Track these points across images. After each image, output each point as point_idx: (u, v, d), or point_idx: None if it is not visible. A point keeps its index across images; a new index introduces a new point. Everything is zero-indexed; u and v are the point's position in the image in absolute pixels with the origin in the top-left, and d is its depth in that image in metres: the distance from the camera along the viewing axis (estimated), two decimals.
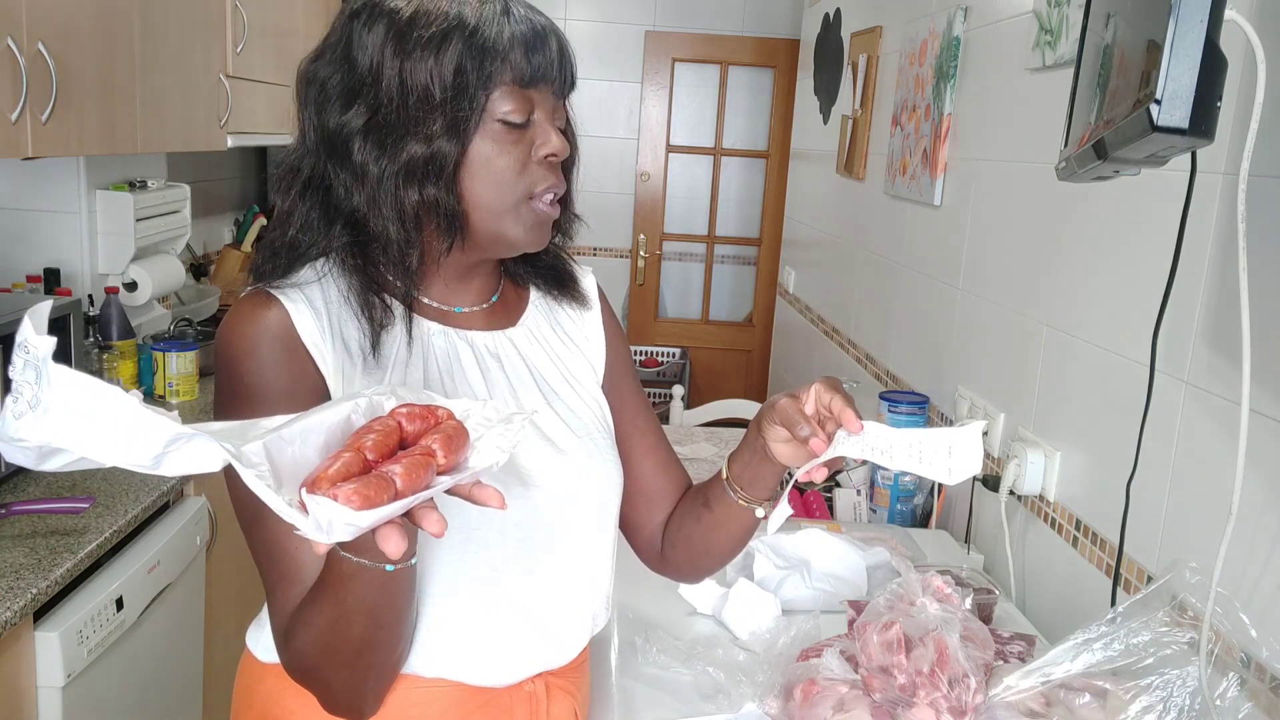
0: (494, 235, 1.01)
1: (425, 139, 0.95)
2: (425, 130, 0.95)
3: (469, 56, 0.95)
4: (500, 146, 0.98)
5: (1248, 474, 1.20)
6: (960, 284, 2.24)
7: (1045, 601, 1.76)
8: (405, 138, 0.95)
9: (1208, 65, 0.96)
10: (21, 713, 1.58)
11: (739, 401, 3.35)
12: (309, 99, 1.00)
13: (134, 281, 2.70)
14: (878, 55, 3.03)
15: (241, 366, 0.97)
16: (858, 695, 1.24)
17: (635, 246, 4.97)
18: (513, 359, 1.09)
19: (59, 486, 1.96)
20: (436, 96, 0.95)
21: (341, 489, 0.67)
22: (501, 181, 0.98)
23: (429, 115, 0.95)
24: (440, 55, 0.95)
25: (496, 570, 1.03)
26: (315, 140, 1.00)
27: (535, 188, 1.00)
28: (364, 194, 0.97)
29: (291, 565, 0.92)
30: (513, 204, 1.00)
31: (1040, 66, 1.87)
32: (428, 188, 0.96)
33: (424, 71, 0.95)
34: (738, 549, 1.16)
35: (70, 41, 2.00)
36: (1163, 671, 1.18)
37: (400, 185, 0.96)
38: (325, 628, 0.88)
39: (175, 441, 0.67)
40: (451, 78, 0.95)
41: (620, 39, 4.79)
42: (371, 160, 0.96)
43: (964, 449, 0.92)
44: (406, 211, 0.97)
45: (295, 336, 0.97)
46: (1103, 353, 1.62)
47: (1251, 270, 1.16)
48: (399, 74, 0.95)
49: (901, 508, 2.19)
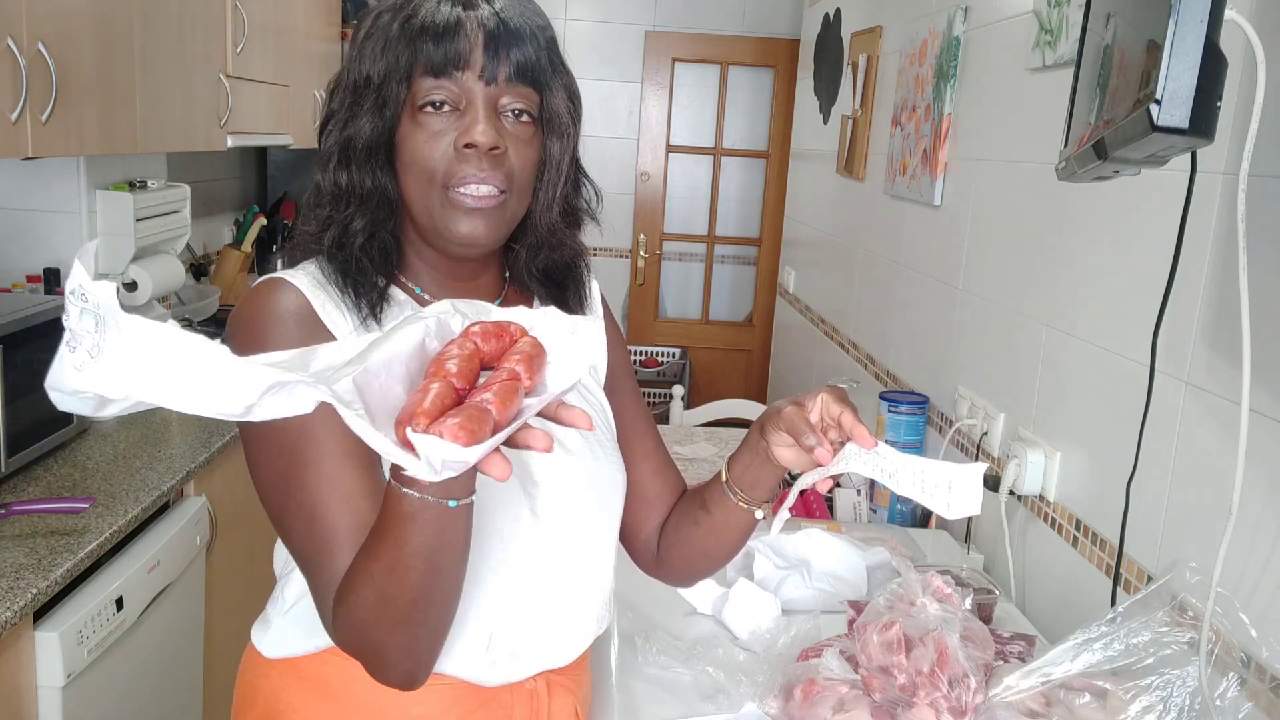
0: (430, 228, 1.02)
1: (354, 124, 1.00)
2: (357, 116, 1.00)
3: (402, 39, 0.98)
4: (424, 134, 0.99)
5: (1247, 474, 1.20)
6: (960, 284, 2.24)
7: (1045, 601, 1.76)
8: (345, 124, 1.01)
9: (1208, 65, 0.96)
10: (21, 713, 1.58)
11: (739, 401, 3.35)
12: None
13: (134, 281, 2.70)
14: (878, 55, 3.03)
15: (265, 345, 0.93)
16: (858, 695, 1.24)
17: (635, 246, 4.97)
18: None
19: (59, 486, 1.96)
20: (374, 79, 0.99)
21: (446, 425, 0.65)
22: (422, 168, 0.99)
23: (364, 100, 1.00)
24: (378, 39, 0.99)
25: (503, 569, 1.03)
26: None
27: (451, 177, 0.99)
28: (322, 182, 1.03)
29: (332, 535, 0.91)
30: (437, 193, 1.00)
31: (1040, 66, 1.87)
32: (354, 169, 1.00)
33: (369, 56, 1.00)
34: (735, 551, 1.16)
35: (70, 41, 2.00)
36: (1163, 671, 1.18)
37: (335, 166, 1.01)
38: (382, 576, 0.85)
39: (271, 389, 0.64)
40: (382, 59, 0.99)
41: (620, 39, 4.79)
42: (325, 143, 1.02)
43: (964, 488, 0.93)
44: (336, 190, 1.01)
45: (315, 318, 0.99)
46: (1103, 353, 1.62)
47: (1251, 270, 1.16)
48: (352, 65, 1.01)
49: (901, 508, 2.19)
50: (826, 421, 0.99)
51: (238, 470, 2.37)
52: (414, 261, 1.08)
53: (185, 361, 0.64)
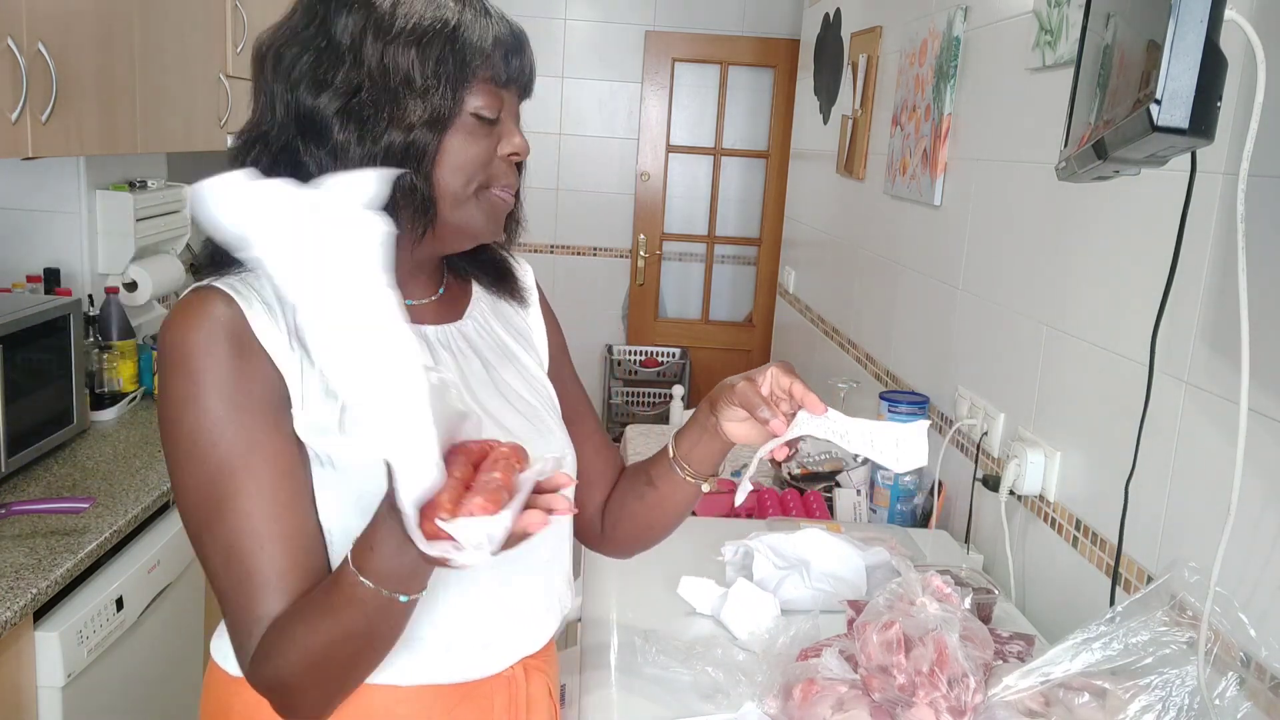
0: (456, 225, 1.03)
1: (405, 128, 0.97)
2: (406, 119, 0.97)
3: (451, 51, 0.98)
4: (471, 139, 1.01)
5: (1247, 474, 1.20)
6: (960, 284, 2.24)
7: (1045, 601, 1.76)
8: (385, 124, 0.97)
9: (1208, 65, 0.96)
10: (21, 713, 1.58)
11: None
12: (278, 73, 0.99)
13: (134, 281, 2.70)
14: (878, 55, 3.03)
15: (194, 371, 0.93)
16: (857, 695, 1.24)
17: (635, 246, 4.97)
18: (464, 351, 1.11)
19: (59, 486, 1.96)
20: (417, 85, 0.97)
21: (473, 503, 0.71)
22: (467, 172, 1.01)
23: (409, 104, 0.97)
24: (423, 46, 0.97)
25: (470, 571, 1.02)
26: (285, 115, 0.99)
27: (495, 181, 1.03)
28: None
29: (250, 577, 0.92)
30: (474, 192, 1.02)
31: (1040, 66, 1.87)
32: (405, 175, 0.98)
33: (406, 60, 0.97)
34: (679, 522, 1.22)
35: (70, 41, 2.00)
36: (1162, 671, 1.18)
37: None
38: (318, 648, 0.89)
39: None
40: (433, 68, 0.97)
41: (620, 39, 4.79)
42: (354, 142, 0.97)
43: (910, 443, 1.03)
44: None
45: (250, 334, 0.95)
46: (1102, 353, 1.62)
47: (1251, 270, 1.16)
48: (381, 59, 0.97)
49: (901, 508, 2.19)
50: (777, 394, 1.05)
51: None
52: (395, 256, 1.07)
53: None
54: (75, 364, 2.14)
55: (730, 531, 1.80)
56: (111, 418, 2.39)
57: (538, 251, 4.91)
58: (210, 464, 0.93)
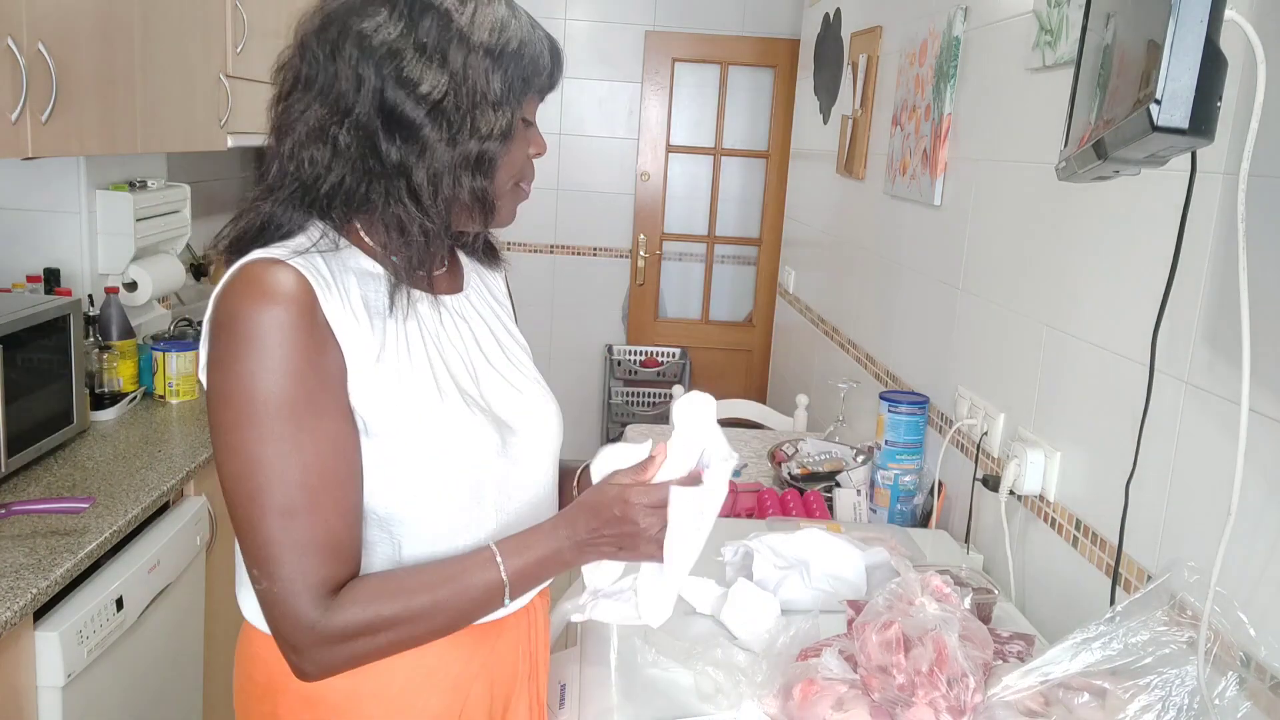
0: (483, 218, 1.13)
1: (481, 137, 1.05)
2: (480, 129, 1.05)
3: (519, 68, 1.07)
4: (517, 145, 1.11)
5: (1247, 474, 1.20)
6: (960, 284, 2.24)
7: (1045, 601, 1.76)
8: (468, 132, 1.05)
9: (1208, 65, 0.96)
10: (21, 713, 1.58)
11: (739, 401, 3.35)
12: (365, 57, 1.02)
13: (134, 281, 2.70)
14: (878, 55, 3.03)
15: (267, 346, 0.98)
16: (857, 695, 1.24)
17: (635, 246, 4.97)
18: (473, 319, 1.20)
19: (59, 486, 1.96)
20: (492, 98, 1.05)
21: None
22: (509, 171, 1.11)
23: (486, 115, 1.05)
24: (498, 60, 1.05)
25: (498, 515, 1.15)
26: (370, 99, 1.02)
27: (524, 177, 1.15)
28: (425, 172, 1.04)
29: (313, 536, 1.00)
30: (509, 189, 1.13)
31: (1040, 66, 1.87)
32: (479, 180, 1.07)
33: (485, 72, 1.04)
34: None
35: (70, 41, 2.00)
36: (1161, 671, 1.18)
37: (459, 175, 1.06)
38: (424, 606, 1.05)
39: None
40: (506, 85, 1.06)
41: (620, 39, 4.79)
42: (443, 142, 1.04)
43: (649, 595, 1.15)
44: (456, 199, 1.07)
45: (318, 308, 1.01)
46: (1102, 353, 1.62)
47: (1251, 270, 1.16)
48: (464, 68, 1.03)
49: (901, 508, 2.19)
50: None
51: None
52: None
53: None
54: (75, 364, 2.14)
55: (730, 532, 1.79)
56: (111, 418, 2.39)
57: (538, 251, 4.91)
58: (276, 434, 0.98)
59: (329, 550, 1.01)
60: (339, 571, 1.02)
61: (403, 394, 1.06)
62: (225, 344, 1.00)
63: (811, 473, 2.38)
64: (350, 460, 1.04)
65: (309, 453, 0.99)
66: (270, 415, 0.98)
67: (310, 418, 0.99)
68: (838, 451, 2.46)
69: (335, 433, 1.02)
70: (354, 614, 1.01)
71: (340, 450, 1.02)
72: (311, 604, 1.00)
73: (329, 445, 1.01)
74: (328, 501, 1.01)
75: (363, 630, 1.02)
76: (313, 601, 1.00)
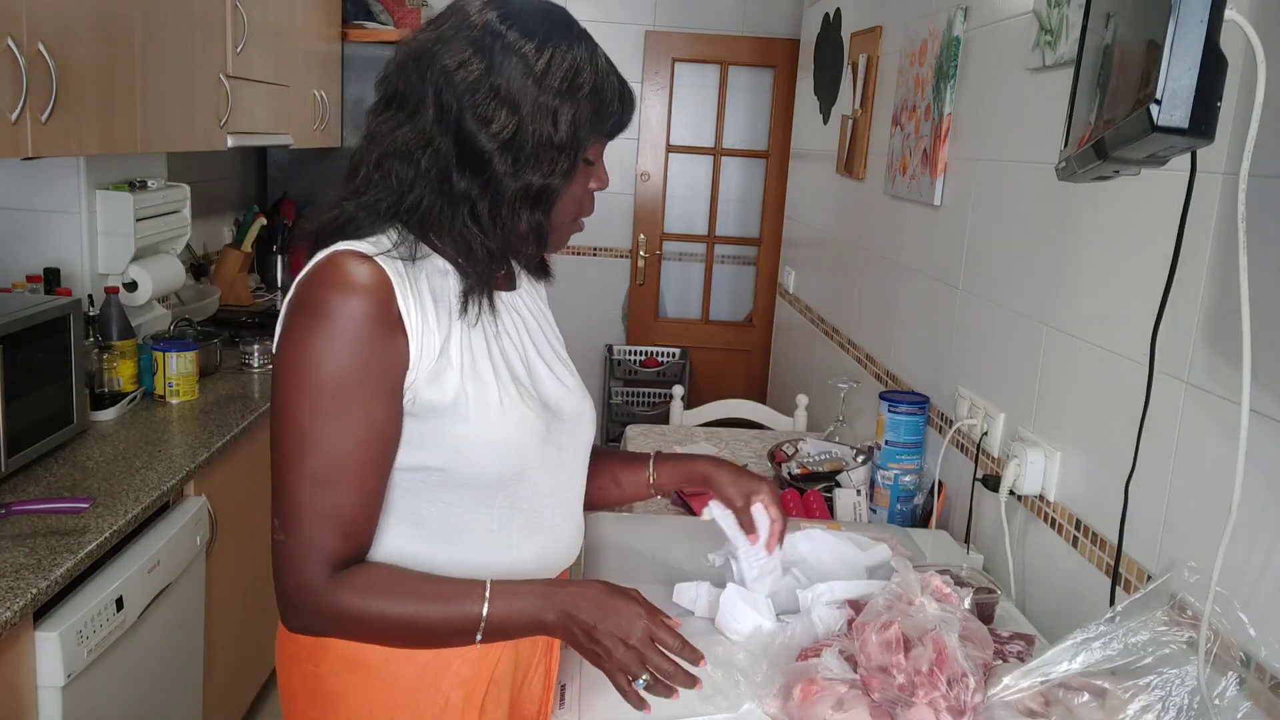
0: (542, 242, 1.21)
1: (543, 174, 1.12)
2: (545, 167, 1.12)
3: (590, 112, 1.13)
4: (580, 180, 1.18)
5: (1247, 474, 1.20)
6: (960, 284, 2.24)
7: (1045, 601, 1.76)
8: (530, 166, 1.12)
9: (1208, 65, 0.96)
10: (21, 713, 1.58)
11: (739, 401, 3.35)
12: (450, 90, 1.11)
13: (134, 281, 2.70)
14: (878, 55, 3.03)
15: (341, 331, 1.08)
16: (857, 695, 1.24)
17: (635, 246, 4.97)
18: (525, 314, 1.29)
19: (59, 486, 1.96)
20: (558, 139, 1.11)
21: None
22: (568, 206, 1.19)
23: (550, 152, 1.12)
24: (568, 102, 1.11)
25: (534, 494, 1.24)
26: (450, 132, 1.11)
27: (583, 212, 1.22)
28: (489, 201, 1.13)
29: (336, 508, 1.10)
30: (568, 222, 1.21)
31: (1040, 66, 1.87)
32: (537, 213, 1.15)
33: (554, 113, 1.11)
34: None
35: (70, 41, 2.00)
36: (1161, 671, 1.18)
37: (517, 207, 1.14)
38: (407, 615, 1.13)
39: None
40: (573, 127, 1.12)
41: (620, 39, 4.79)
42: (508, 176, 1.12)
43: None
44: (514, 228, 1.15)
45: (394, 305, 1.10)
46: (1103, 353, 1.62)
47: (1251, 270, 1.16)
48: (534, 108, 1.10)
49: (901, 508, 2.19)
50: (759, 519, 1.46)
51: (238, 470, 2.37)
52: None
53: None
54: (75, 364, 2.14)
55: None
56: (111, 418, 2.39)
57: None
58: (326, 411, 1.08)
59: (345, 526, 1.11)
60: (348, 548, 1.12)
61: (464, 380, 1.15)
62: (302, 322, 1.10)
63: (811, 473, 2.38)
64: (384, 450, 1.13)
65: (349, 434, 1.09)
66: (325, 393, 1.08)
67: (360, 403, 1.09)
68: (838, 451, 2.46)
69: (379, 421, 1.11)
70: (351, 598, 1.11)
71: (378, 439, 1.11)
72: (318, 568, 1.10)
73: (368, 432, 1.10)
74: (355, 482, 1.10)
75: (353, 615, 1.12)
76: (319, 566, 1.10)
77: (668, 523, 2.12)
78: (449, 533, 1.20)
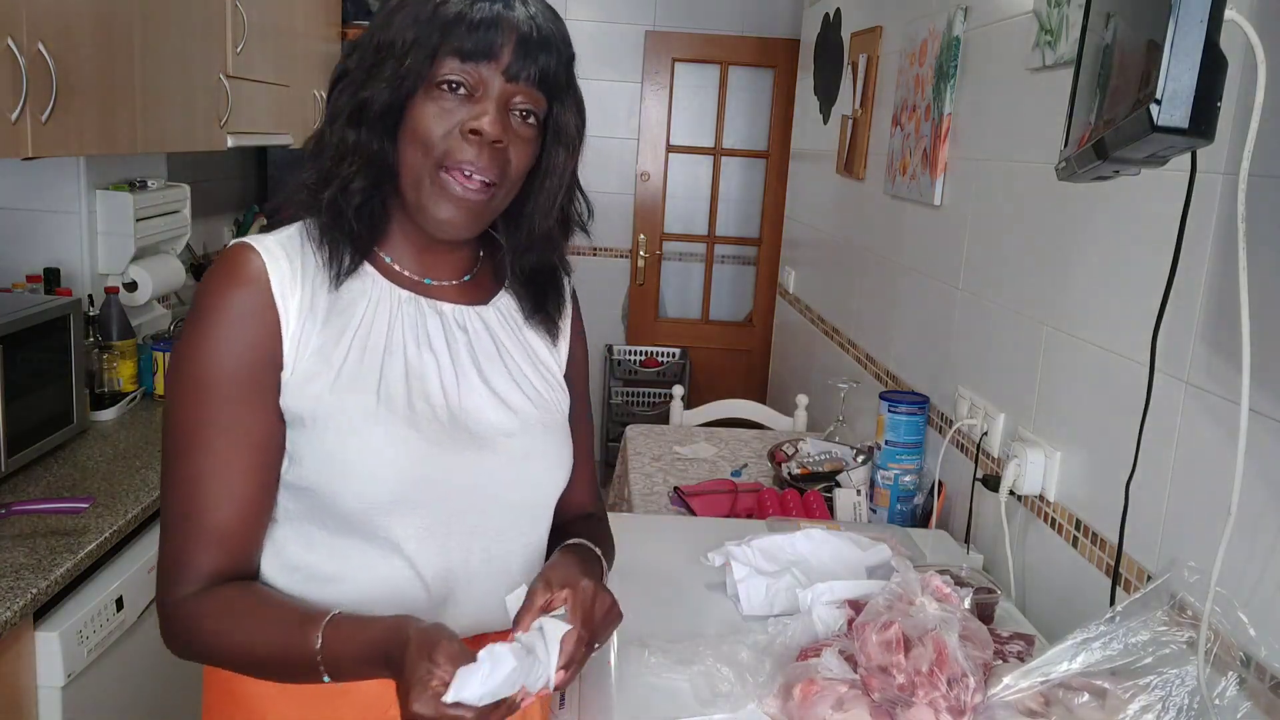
0: (414, 203, 1.06)
1: (372, 86, 1.03)
2: (377, 79, 1.03)
3: (430, 21, 1.02)
4: (436, 109, 1.03)
5: (1247, 474, 1.20)
6: (960, 284, 2.24)
7: (1045, 601, 1.76)
8: (362, 84, 1.04)
9: (1208, 65, 0.96)
10: (21, 713, 1.58)
11: (739, 401, 3.35)
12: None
13: (134, 281, 2.70)
14: (878, 55, 3.03)
15: (206, 325, 1.02)
16: (857, 695, 1.24)
17: (635, 246, 4.97)
18: (480, 333, 1.14)
19: (59, 486, 1.96)
20: (396, 50, 1.02)
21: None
22: (425, 142, 1.03)
23: (384, 66, 1.03)
24: (410, 15, 1.03)
25: (448, 532, 1.09)
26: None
27: (449, 157, 1.03)
28: (320, 132, 1.07)
29: (200, 519, 1.02)
30: (429, 170, 1.04)
31: (1040, 66, 1.87)
32: (362, 129, 1.04)
33: (390, 29, 1.03)
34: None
35: (70, 41, 2.00)
36: (1161, 671, 1.18)
37: (344, 123, 1.04)
38: (242, 645, 1.02)
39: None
40: (411, 36, 1.02)
41: (620, 39, 4.79)
42: (336, 100, 1.06)
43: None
44: (342, 147, 1.04)
45: (268, 294, 1.03)
46: (1103, 353, 1.62)
47: (1251, 270, 1.16)
48: (375, 30, 1.05)
49: (901, 508, 2.19)
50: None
51: None
52: (395, 233, 1.12)
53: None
54: (75, 364, 2.14)
55: (731, 532, 1.79)
56: (111, 418, 2.39)
57: None
58: (193, 415, 1.02)
59: (216, 538, 1.02)
60: (222, 563, 1.03)
61: (336, 386, 1.04)
62: (185, 323, 1.06)
63: (811, 473, 2.38)
64: (259, 455, 1.03)
65: (219, 437, 1.01)
66: (192, 394, 1.02)
67: (229, 404, 1.01)
68: (838, 451, 2.46)
69: (249, 423, 1.02)
70: (206, 619, 1.02)
71: (249, 442, 1.02)
72: (179, 586, 1.02)
73: (238, 435, 1.02)
74: (224, 489, 1.02)
75: (207, 640, 1.03)
76: (181, 584, 1.02)
77: (668, 522, 2.12)
78: (325, 577, 1.07)
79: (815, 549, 1.70)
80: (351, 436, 1.03)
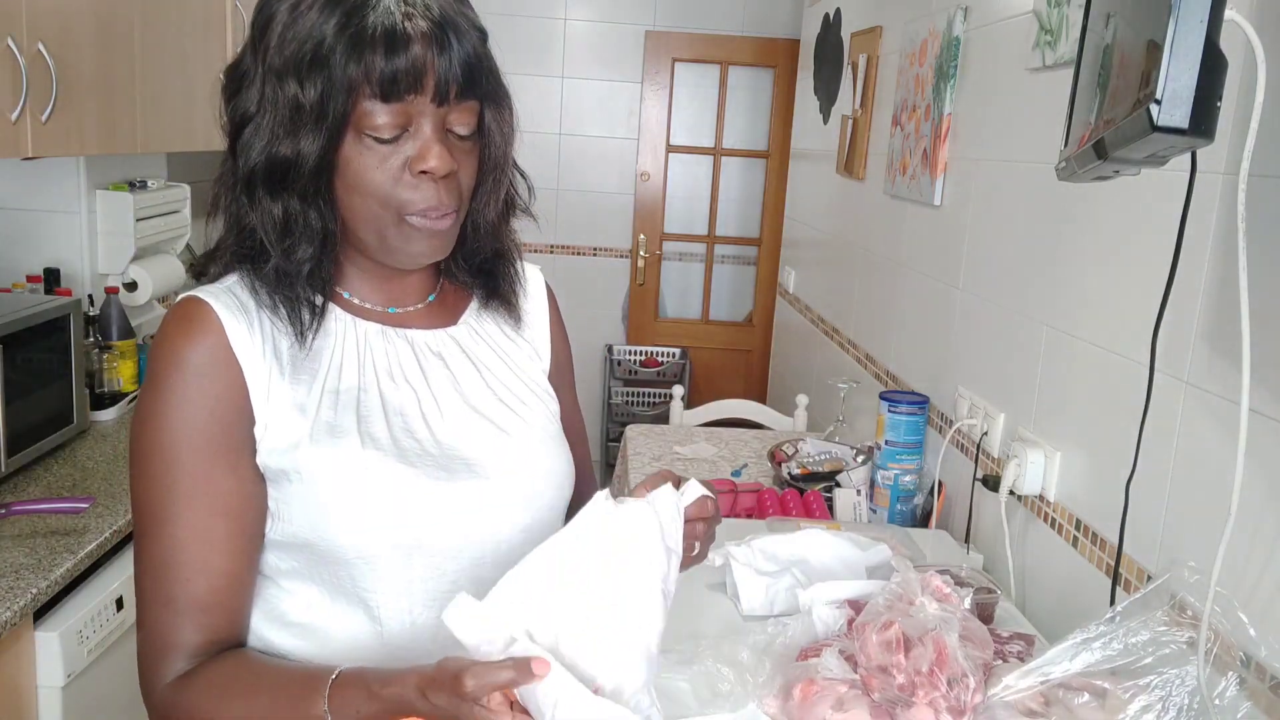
0: (379, 247, 1.00)
1: (289, 144, 0.94)
2: (296, 132, 0.94)
3: (336, 51, 0.91)
4: (374, 159, 0.95)
5: (1247, 474, 1.20)
6: (960, 284, 2.24)
7: (1045, 601, 1.76)
8: (276, 139, 0.95)
9: (1208, 65, 0.96)
10: (21, 713, 1.58)
11: (739, 401, 3.35)
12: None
13: (134, 281, 2.70)
14: (878, 55, 3.03)
15: (165, 389, 0.95)
16: (857, 695, 1.24)
17: (635, 246, 4.97)
18: (455, 355, 1.08)
19: (59, 486, 1.96)
20: (306, 106, 0.92)
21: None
22: (374, 195, 0.96)
23: (299, 119, 0.93)
24: (308, 43, 0.92)
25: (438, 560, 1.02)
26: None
27: (409, 207, 0.96)
28: (233, 186, 0.99)
29: (173, 596, 0.95)
30: (391, 220, 0.97)
31: (1040, 66, 1.87)
32: (296, 198, 0.96)
33: (293, 60, 0.93)
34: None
35: (70, 41, 2.00)
36: (1161, 671, 1.18)
37: (267, 188, 0.96)
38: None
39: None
40: (321, 78, 0.92)
41: (620, 39, 4.79)
42: (247, 156, 0.97)
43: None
44: (273, 221, 0.96)
45: (226, 349, 0.96)
46: (1103, 353, 1.62)
47: (1251, 270, 1.16)
48: (271, 55, 0.95)
49: (901, 508, 2.19)
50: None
51: None
52: (349, 270, 1.05)
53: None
54: (75, 364, 2.14)
55: (730, 532, 1.79)
56: (111, 418, 2.39)
57: (537, 251, 4.91)
58: (161, 484, 0.95)
59: (195, 614, 0.95)
60: (205, 636, 0.96)
61: (314, 431, 0.98)
62: (144, 385, 0.99)
63: (811, 473, 2.38)
64: (235, 523, 0.96)
65: (190, 506, 0.94)
66: (158, 462, 0.95)
67: (198, 469, 0.95)
68: (838, 451, 2.46)
69: (222, 488, 0.95)
70: (195, 698, 0.94)
71: (224, 509, 0.96)
72: (161, 665, 0.96)
73: (211, 501, 0.95)
74: (199, 562, 0.95)
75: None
76: (164, 664, 0.96)
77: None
78: (324, 632, 1.01)
79: (815, 549, 1.70)
80: (342, 485, 0.97)
